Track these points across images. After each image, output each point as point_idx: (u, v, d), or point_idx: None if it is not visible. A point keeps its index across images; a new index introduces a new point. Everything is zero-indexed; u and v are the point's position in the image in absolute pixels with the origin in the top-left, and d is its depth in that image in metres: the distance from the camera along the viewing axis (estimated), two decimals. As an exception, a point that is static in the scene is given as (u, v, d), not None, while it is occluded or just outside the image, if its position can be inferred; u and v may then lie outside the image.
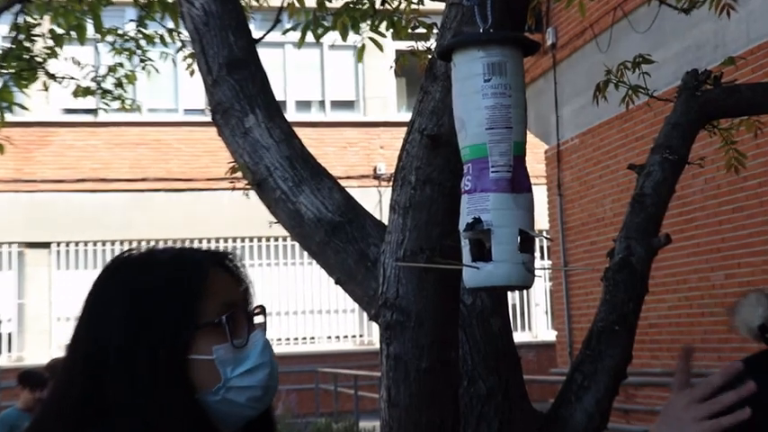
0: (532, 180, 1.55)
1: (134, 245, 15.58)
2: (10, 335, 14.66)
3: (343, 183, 2.58)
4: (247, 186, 2.71)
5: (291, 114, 15.25)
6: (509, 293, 2.75)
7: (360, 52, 4.50)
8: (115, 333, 1.24)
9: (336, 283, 2.46)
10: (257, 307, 1.33)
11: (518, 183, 1.49)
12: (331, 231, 2.40)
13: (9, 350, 14.58)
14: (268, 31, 3.06)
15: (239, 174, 2.76)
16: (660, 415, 1.41)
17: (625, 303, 2.52)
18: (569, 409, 2.42)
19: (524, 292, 14.74)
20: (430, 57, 2.28)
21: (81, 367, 1.25)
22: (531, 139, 11.96)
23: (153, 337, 1.23)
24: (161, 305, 1.25)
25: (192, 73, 5.03)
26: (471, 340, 2.40)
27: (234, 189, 3.27)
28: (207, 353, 1.25)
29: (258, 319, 1.34)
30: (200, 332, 1.25)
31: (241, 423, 1.29)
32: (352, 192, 2.57)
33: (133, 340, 1.23)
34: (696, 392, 1.38)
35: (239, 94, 2.55)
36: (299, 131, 2.68)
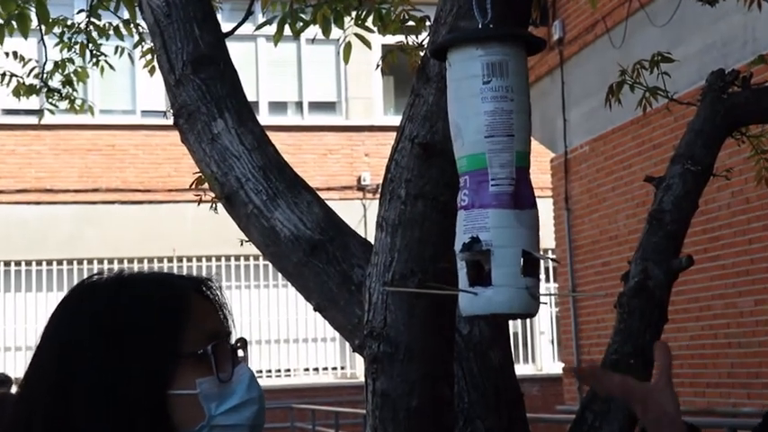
0: (537, 192, 1.57)
1: (84, 264, 15.48)
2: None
3: (323, 194, 2.59)
4: (215, 199, 2.71)
5: (265, 117, 15.25)
6: (510, 322, 2.76)
7: (346, 51, 4.50)
8: (86, 367, 1.24)
9: (315, 309, 2.46)
10: (239, 339, 1.35)
11: (521, 198, 1.50)
12: (310, 251, 2.40)
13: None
14: (239, 25, 3.06)
15: (206, 185, 2.76)
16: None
17: (641, 333, 2.53)
18: (579, 453, 2.43)
19: (528, 319, 14.77)
20: (422, 55, 2.29)
21: (44, 404, 1.25)
22: (535, 146, 12.00)
23: (130, 372, 1.24)
24: (139, 336, 1.26)
25: (151, 71, 5.03)
26: (468, 375, 2.40)
27: (200, 202, 3.27)
28: (189, 387, 1.26)
29: (239, 352, 1.35)
30: (182, 365, 1.26)
31: None
32: (333, 205, 2.58)
33: (107, 375, 1.23)
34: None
35: (206, 95, 2.55)
36: (274, 137, 2.69)
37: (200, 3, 2.68)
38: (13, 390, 8.47)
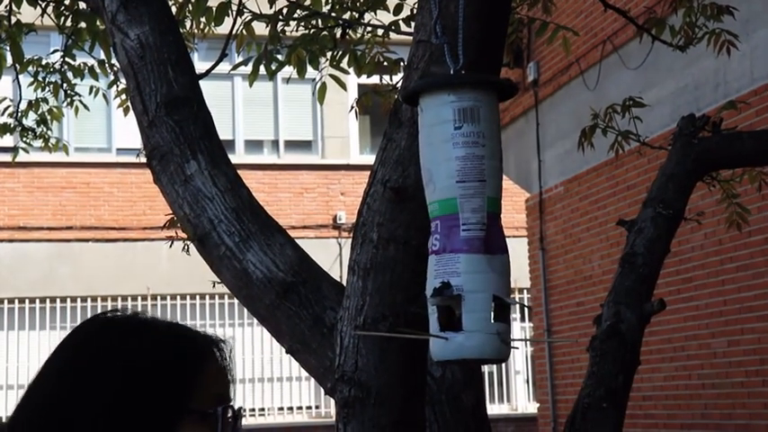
0: (512, 232, 1.57)
1: (57, 303, 15.36)
2: None
3: (299, 233, 2.59)
4: (188, 240, 2.70)
5: (241, 156, 15.26)
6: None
7: (320, 93, 4.51)
8: (95, 400, 1.22)
9: (288, 352, 2.45)
10: (239, 408, 1.33)
11: (492, 243, 1.50)
12: (282, 293, 2.40)
13: None
14: (213, 67, 3.07)
15: (179, 225, 2.75)
16: None
17: (614, 377, 2.53)
18: (551, 498, 2.42)
19: (503, 359, 14.74)
20: (395, 98, 2.30)
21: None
22: (510, 186, 12.06)
23: (138, 415, 1.21)
24: (153, 383, 1.24)
25: (126, 110, 5.03)
26: (440, 419, 2.39)
27: (172, 243, 3.26)
28: None
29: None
30: (187, 422, 1.24)
31: None
32: (309, 243, 2.58)
33: (116, 413, 1.21)
34: None
35: (179, 137, 2.55)
36: (250, 175, 2.69)
37: (175, 44, 2.68)
38: None
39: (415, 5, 2.11)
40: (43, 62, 5.69)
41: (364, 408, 2.07)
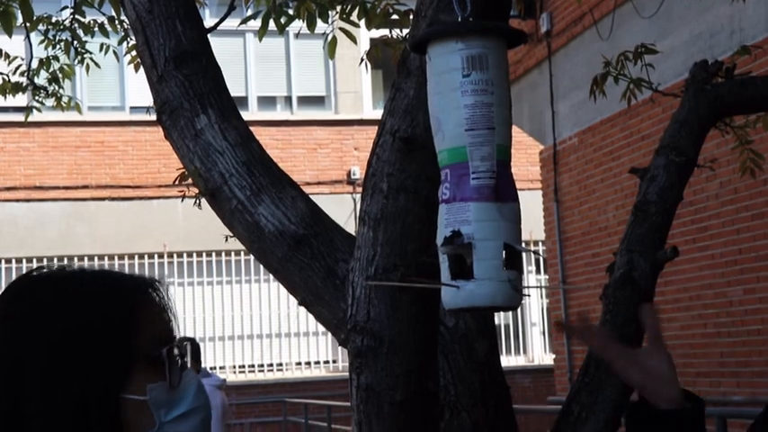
0: (526, 184, 1.56)
1: (75, 261, 15.44)
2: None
3: (313, 189, 2.58)
4: (200, 195, 2.69)
5: (254, 112, 15.23)
6: (499, 313, 2.76)
7: (331, 46, 4.48)
8: (35, 366, 1.20)
9: (301, 304, 2.45)
10: (186, 339, 1.32)
11: (503, 191, 1.49)
12: (294, 246, 2.39)
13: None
14: (221, 20, 3.06)
15: (190, 181, 2.75)
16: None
17: (627, 324, 2.53)
18: (566, 445, 2.43)
19: (518, 310, 14.79)
20: (404, 48, 2.29)
21: None
22: (524, 138, 12.03)
23: (81, 374, 1.19)
24: (91, 337, 1.21)
25: (136, 67, 5.01)
26: (454, 368, 2.40)
27: (184, 198, 3.26)
28: (140, 392, 1.22)
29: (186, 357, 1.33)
30: (134, 368, 1.22)
31: None
32: (324, 199, 2.57)
33: (56, 378, 1.19)
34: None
35: (189, 91, 2.54)
36: (263, 131, 2.68)
37: (183, -1, 2.67)
38: None
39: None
40: (53, 20, 5.68)
41: (377, 357, 2.08)
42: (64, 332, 1.22)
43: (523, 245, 1.51)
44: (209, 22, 2.77)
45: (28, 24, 5.24)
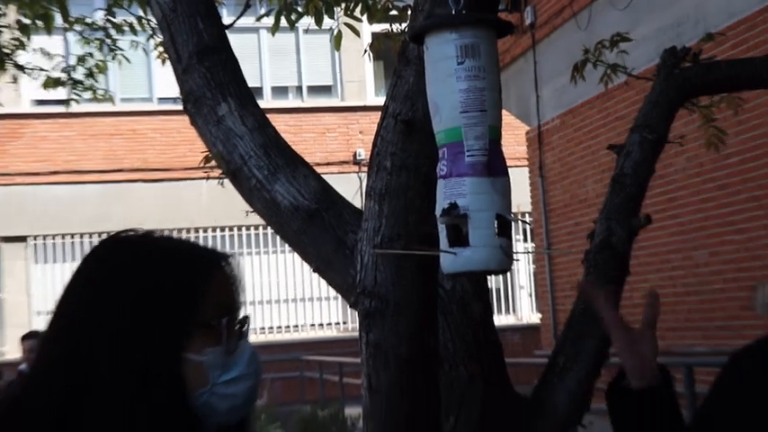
0: (514, 162, 1.55)
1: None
2: (-12, 330, 14.60)
3: (323, 169, 2.57)
4: (222, 176, 2.69)
5: (268, 101, 15.18)
6: (491, 277, 2.75)
7: (336, 40, 4.46)
8: (112, 316, 1.20)
9: (314, 271, 2.45)
10: (244, 317, 1.31)
11: (494, 167, 1.48)
12: (308, 219, 2.39)
13: (-12, 346, 14.52)
14: (238, 17, 3.03)
15: (214, 163, 2.73)
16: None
17: (606, 284, 2.52)
18: (552, 392, 2.43)
19: (508, 275, 14.78)
20: (403, 39, 2.27)
21: (67, 348, 1.20)
22: (511, 120, 11.98)
23: (152, 329, 1.19)
24: (164, 298, 1.21)
25: (163, 61, 4.99)
26: (452, 326, 2.40)
27: (208, 178, 3.25)
28: (199, 354, 1.22)
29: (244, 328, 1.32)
30: (196, 332, 1.22)
31: (213, 429, 1.26)
32: (332, 178, 2.56)
33: (130, 330, 1.19)
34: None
35: (210, 82, 2.52)
36: (277, 118, 2.66)
37: (203, -1, 2.65)
38: None
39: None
40: (88, 20, 5.66)
41: (384, 317, 2.08)
42: (140, 291, 1.21)
43: (513, 215, 1.50)
44: (226, 19, 2.74)
45: (66, 25, 5.23)
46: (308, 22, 4.36)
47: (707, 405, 1.53)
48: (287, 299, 15.44)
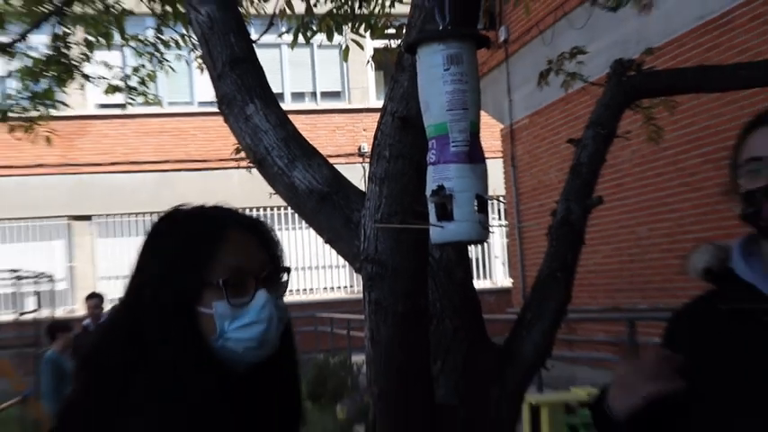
0: (491, 154, 1.54)
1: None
2: (63, 292, 14.67)
3: (333, 160, 2.54)
4: (250, 165, 2.67)
5: (288, 104, 15.14)
6: (470, 248, 2.74)
7: (345, 52, 4.44)
8: (150, 268, 1.21)
9: (326, 242, 2.43)
10: (284, 268, 1.28)
11: (474, 155, 1.47)
12: (321, 200, 2.37)
13: (63, 304, 14.58)
14: (263, 33, 3.01)
15: (243, 154, 2.72)
16: (613, 382, 1.37)
17: (565, 254, 2.51)
18: (521, 341, 2.42)
19: (485, 246, 14.79)
20: (399, 50, 2.25)
21: (127, 289, 1.22)
22: (488, 119, 11.95)
23: (174, 283, 1.19)
24: (182, 258, 1.20)
25: (202, 70, 4.96)
26: (440, 288, 2.39)
27: (239, 167, 3.23)
28: (209, 307, 1.20)
29: (283, 278, 1.30)
30: (207, 288, 1.19)
31: (245, 366, 1.24)
32: (340, 168, 2.54)
33: (161, 279, 1.19)
34: (642, 362, 1.34)
35: (241, 86, 2.50)
36: (295, 118, 2.64)
37: (235, 19, 2.62)
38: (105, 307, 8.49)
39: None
40: (141, 37, 5.63)
41: (383, 280, 2.07)
42: (165, 249, 1.22)
43: (489, 196, 1.49)
44: (254, 35, 2.71)
45: (123, 41, 5.20)
46: (320, 38, 4.34)
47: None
48: (303, 266, 15.46)
